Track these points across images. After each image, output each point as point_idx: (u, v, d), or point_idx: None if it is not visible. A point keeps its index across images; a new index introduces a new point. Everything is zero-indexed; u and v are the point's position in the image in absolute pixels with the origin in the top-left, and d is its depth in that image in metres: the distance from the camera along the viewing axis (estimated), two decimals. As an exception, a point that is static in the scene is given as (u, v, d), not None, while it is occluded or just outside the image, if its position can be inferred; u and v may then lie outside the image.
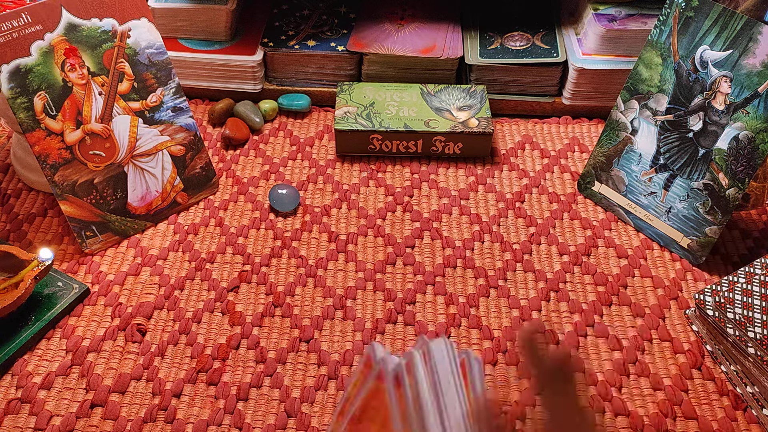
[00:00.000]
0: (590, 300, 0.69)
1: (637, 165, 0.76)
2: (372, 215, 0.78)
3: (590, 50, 0.88)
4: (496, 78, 0.90)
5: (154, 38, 0.73)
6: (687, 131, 0.71)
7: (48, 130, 0.68)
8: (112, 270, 0.71)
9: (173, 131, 0.76)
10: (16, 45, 0.65)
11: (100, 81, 0.71)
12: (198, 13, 0.89)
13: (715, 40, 0.67)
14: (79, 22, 0.69)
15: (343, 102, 0.85)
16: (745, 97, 0.66)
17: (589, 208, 0.79)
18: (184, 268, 0.72)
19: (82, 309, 0.67)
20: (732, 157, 0.68)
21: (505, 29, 0.93)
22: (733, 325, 0.61)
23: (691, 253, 0.73)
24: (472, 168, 0.84)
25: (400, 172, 0.83)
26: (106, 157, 0.72)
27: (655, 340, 0.66)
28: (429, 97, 0.86)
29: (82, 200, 0.71)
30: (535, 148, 0.87)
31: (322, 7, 0.98)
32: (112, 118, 0.72)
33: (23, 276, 0.63)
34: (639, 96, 0.74)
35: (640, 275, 0.72)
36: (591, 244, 0.75)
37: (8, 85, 0.65)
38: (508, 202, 0.79)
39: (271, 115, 0.90)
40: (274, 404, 0.61)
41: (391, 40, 0.91)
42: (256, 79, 0.90)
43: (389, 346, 0.65)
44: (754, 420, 0.60)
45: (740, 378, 0.61)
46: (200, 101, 0.93)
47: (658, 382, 0.63)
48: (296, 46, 0.90)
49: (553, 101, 0.91)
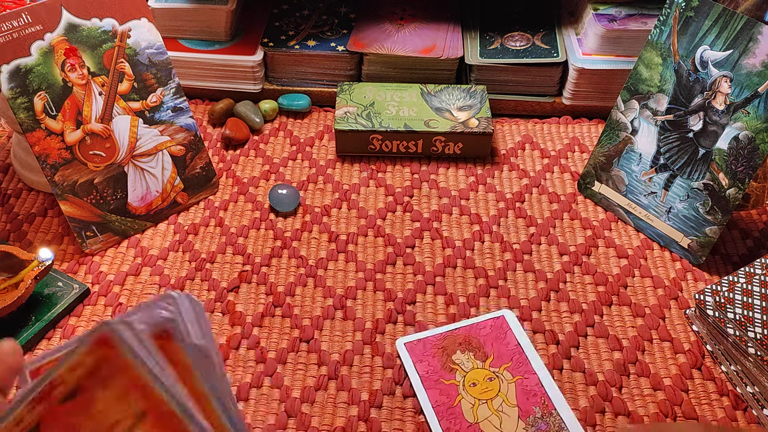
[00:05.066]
0: (590, 300, 0.69)
1: (637, 165, 0.76)
2: (372, 215, 0.78)
3: (590, 50, 0.88)
4: (496, 78, 0.90)
5: (154, 38, 0.73)
6: (687, 131, 0.71)
7: (48, 130, 0.68)
8: (112, 270, 0.71)
9: (173, 131, 0.76)
10: (16, 45, 0.65)
11: (100, 81, 0.71)
12: (198, 13, 0.89)
13: (715, 40, 0.67)
14: (79, 22, 0.69)
15: (343, 102, 0.85)
16: (745, 97, 0.66)
17: (589, 208, 0.79)
18: (184, 268, 0.72)
19: (82, 309, 0.67)
20: (732, 157, 0.68)
21: (505, 29, 0.93)
22: (733, 325, 0.61)
23: (691, 253, 0.73)
24: (472, 168, 0.84)
25: (400, 172, 0.83)
26: (106, 157, 0.72)
27: (655, 340, 0.66)
28: (429, 97, 0.86)
29: (82, 200, 0.71)
30: (535, 148, 0.87)
31: (322, 7, 0.98)
32: (112, 118, 0.72)
33: (23, 276, 0.63)
34: (639, 96, 0.74)
35: (640, 275, 0.72)
36: (591, 244, 0.75)
37: (8, 85, 0.65)
38: (508, 202, 0.79)
39: (271, 115, 0.90)
40: (274, 404, 0.61)
41: (391, 40, 0.91)
42: (256, 79, 0.90)
43: (389, 346, 0.65)
44: (755, 420, 0.60)
45: (740, 378, 0.61)
46: (200, 101, 0.93)
47: (659, 382, 0.63)
48: (296, 46, 0.90)
49: (554, 101, 0.91)
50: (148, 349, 0.39)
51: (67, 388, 0.39)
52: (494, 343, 0.65)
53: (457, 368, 0.63)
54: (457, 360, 0.63)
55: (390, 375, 0.63)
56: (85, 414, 0.39)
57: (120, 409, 0.39)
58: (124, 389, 0.39)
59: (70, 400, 0.39)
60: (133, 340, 0.39)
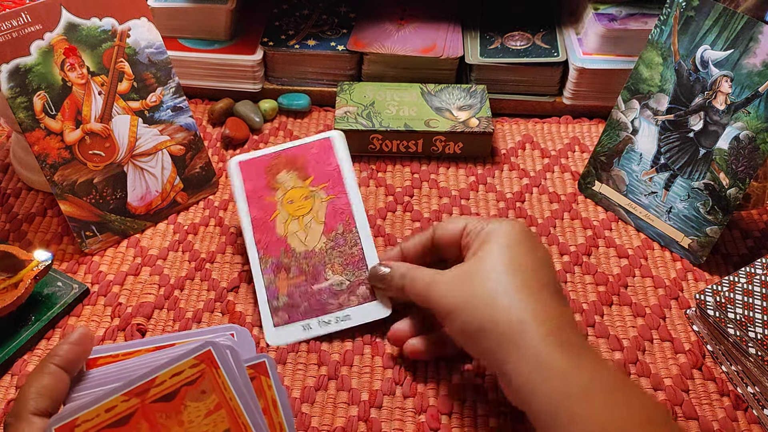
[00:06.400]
0: (591, 300, 0.69)
1: (637, 165, 0.76)
2: (372, 215, 0.77)
3: (591, 50, 0.88)
4: (496, 78, 0.90)
5: (154, 38, 0.73)
6: (688, 131, 0.71)
7: (47, 130, 0.68)
8: (111, 270, 0.71)
9: (173, 131, 0.76)
10: (16, 44, 0.65)
11: (99, 81, 0.71)
12: (198, 13, 0.88)
13: (716, 40, 0.67)
14: (78, 21, 0.69)
15: (343, 102, 0.85)
16: (746, 97, 0.66)
17: (590, 208, 0.79)
18: (184, 268, 0.71)
19: (82, 309, 0.67)
20: (733, 157, 0.68)
21: (505, 29, 0.93)
22: (734, 325, 0.61)
23: (691, 253, 0.73)
24: (472, 168, 0.84)
25: (400, 172, 0.83)
26: (106, 156, 0.72)
27: (655, 340, 0.66)
28: (429, 96, 0.86)
29: (82, 200, 0.71)
30: (536, 147, 0.87)
31: (322, 6, 0.98)
32: (112, 117, 0.72)
33: (23, 276, 0.63)
34: (640, 96, 0.74)
35: (640, 275, 0.72)
36: (591, 244, 0.75)
37: (8, 85, 0.65)
38: (509, 202, 0.79)
39: (271, 114, 0.90)
40: (274, 404, 0.61)
41: (391, 40, 0.91)
42: (256, 79, 0.90)
43: (389, 346, 0.65)
44: (755, 420, 0.60)
45: (741, 378, 0.61)
46: (200, 101, 0.92)
47: (659, 382, 0.62)
48: (296, 45, 0.90)
49: (554, 101, 0.91)
50: (243, 376, 0.45)
51: (164, 390, 0.43)
52: (317, 163, 0.69)
53: (279, 186, 0.68)
54: (281, 179, 0.69)
55: (390, 375, 0.62)
56: (175, 419, 0.43)
57: (207, 423, 0.43)
58: (215, 406, 0.43)
59: (164, 401, 0.43)
60: (231, 364, 0.44)
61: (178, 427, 0.42)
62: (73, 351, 0.46)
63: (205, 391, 0.44)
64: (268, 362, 0.47)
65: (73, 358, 0.46)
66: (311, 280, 0.66)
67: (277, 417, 0.45)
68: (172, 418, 0.43)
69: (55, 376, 0.44)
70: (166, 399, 0.43)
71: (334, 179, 0.68)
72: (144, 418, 0.42)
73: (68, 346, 0.46)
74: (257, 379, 0.46)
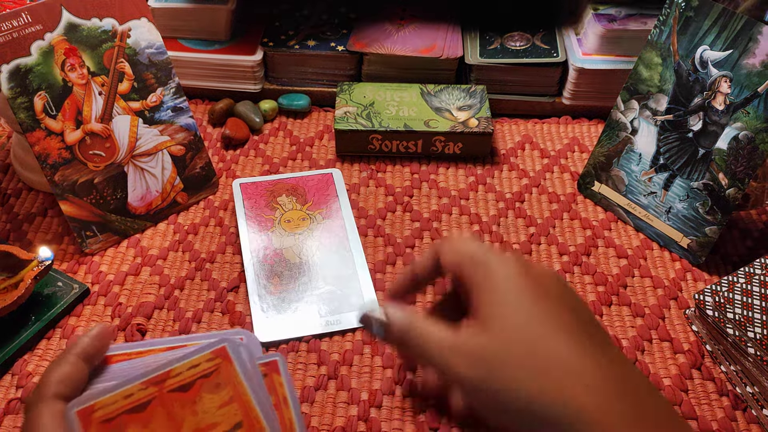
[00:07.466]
0: (590, 300, 0.69)
1: (636, 165, 0.76)
2: (372, 215, 0.78)
3: (590, 50, 0.88)
4: (496, 78, 0.90)
5: (154, 38, 0.73)
6: (687, 131, 0.71)
7: (48, 130, 0.68)
8: (112, 270, 0.71)
9: (173, 131, 0.76)
10: (16, 45, 0.65)
11: (100, 81, 0.71)
12: (198, 13, 0.89)
13: (715, 40, 0.67)
14: (79, 21, 0.69)
15: (343, 102, 0.85)
16: (745, 97, 0.66)
17: (589, 208, 0.79)
18: (184, 268, 0.72)
19: (82, 309, 0.67)
20: (732, 157, 0.68)
21: (505, 29, 0.93)
22: (732, 325, 0.61)
23: (690, 253, 0.73)
24: (472, 168, 0.84)
25: (400, 172, 0.83)
26: (106, 156, 0.72)
27: (654, 340, 0.66)
28: (429, 97, 0.86)
29: (82, 200, 0.71)
30: (535, 148, 0.87)
31: (322, 6, 0.98)
32: (112, 117, 0.72)
33: (23, 276, 0.63)
34: (639, 96, 0.74)
35: (639, 275, 0.72)
36: (591, 244, 0.75)
37: (8, 85, 0.65)
38: (508, 202, 0.79)
39: (271, 115, 0.90)
40: (274, 404, 0.61)
41: (391, 40, 0.91)
42: (256, 79, 0.90)
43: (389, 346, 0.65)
44: (754, 420, 0.60)
45: (740, 378, 0.61)
46: (200, 101, 0.93)
47: (658, 382, 0.63)
48: (296, 46, 0.91)
49: (553, 101, 0.91)
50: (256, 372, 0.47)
51: (180, 381, 0.46)
52: (317, 192, 0.76)
53: (278, 207, 0.74)
54: (280, 201, 0.75)
55: (390, 375, 0.63)
56: (190, 409, 0.45)
57: (220, 414, 0.45)
58: (229, 399, 0.46)
59: (180, 391, 0.46)
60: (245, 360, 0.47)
61: (192, 416, 0.44)
62: (94, 345, 0.48)
63: (220, 384, 0.46)
64: (280, 361, 0.49)
65: (93, 351, 0.48)
66: (303, 288, 0.68)
67: (287, 413, 0.47)
68: (187, 407, 0.45)
69: (75, 366, 0.46)
70: (183, 389, 0.45)
71: (331, 206, 0.75)
72: (161, 405, 0.44)
73: (89, 339, 0.48)
74: (269, 377, 0.48)
